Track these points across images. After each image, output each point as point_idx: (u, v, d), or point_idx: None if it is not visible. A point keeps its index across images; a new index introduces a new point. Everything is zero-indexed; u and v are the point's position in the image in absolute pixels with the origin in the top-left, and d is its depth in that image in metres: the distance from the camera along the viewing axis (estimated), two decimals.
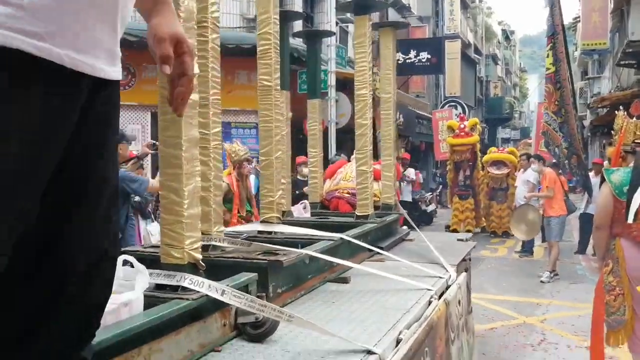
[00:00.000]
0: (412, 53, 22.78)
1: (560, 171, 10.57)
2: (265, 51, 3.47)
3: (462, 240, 4.71)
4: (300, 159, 9.38)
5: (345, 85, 13.76)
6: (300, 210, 4.84)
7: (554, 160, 11.40)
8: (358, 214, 4.31)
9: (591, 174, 11.15)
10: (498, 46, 53.22)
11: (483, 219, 13.98)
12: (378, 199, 5.01)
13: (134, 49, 8.16)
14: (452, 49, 30.02)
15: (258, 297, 2.26)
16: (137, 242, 5.66)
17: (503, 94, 51.08)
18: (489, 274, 9.42)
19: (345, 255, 3.40)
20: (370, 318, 2.48)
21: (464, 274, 3.64)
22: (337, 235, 3.41)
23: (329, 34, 7.72)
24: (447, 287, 3.24)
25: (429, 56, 22.70)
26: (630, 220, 3.54)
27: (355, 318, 2.48)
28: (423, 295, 2.91)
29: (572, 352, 5.56)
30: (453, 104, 25.99)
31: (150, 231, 5.99)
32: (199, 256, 2.09)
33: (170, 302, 1.88)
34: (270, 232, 3.49)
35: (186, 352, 1.89)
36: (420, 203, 15.61)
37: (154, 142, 7.37)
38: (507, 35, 59.88)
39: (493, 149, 14.72)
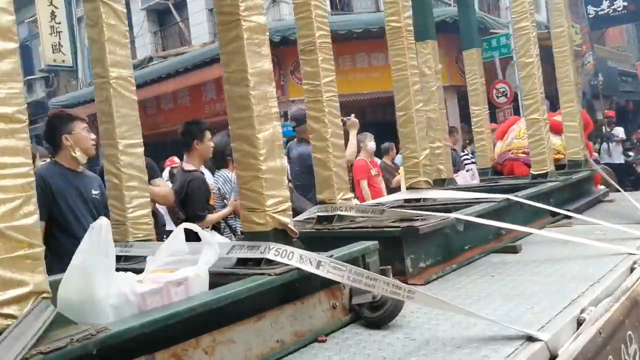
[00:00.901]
0: (605, 3, 20.19)
1: None
2: None
3: None
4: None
5: None
6: (467, 178, 4.18)
7: None
8: (534, 172, 3.56)
9: None
10: None
11: None
12: (563, 156, 4.16)
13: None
14: None
15: (381, 272, 1.76)
16: None
17: None
18: None
19: (517, 220, 2.73)
20: (540, 293, 1.83)
21: None
22: (501, 197, 2.76)
23: None
24: None
25: (625, 3, 19.94)
26: None
27: (518, 294, 1.85)
28: (622, 260, 2.16)
29: None
30: None
31: None
32: (287, 220, 1.64)
33: (245, 279, 1.45)
34: (418, 200, 2.94)
35: (273, 344, 1.44)
36: (635, 166, 13.48)
37: None
38: None
39: None
